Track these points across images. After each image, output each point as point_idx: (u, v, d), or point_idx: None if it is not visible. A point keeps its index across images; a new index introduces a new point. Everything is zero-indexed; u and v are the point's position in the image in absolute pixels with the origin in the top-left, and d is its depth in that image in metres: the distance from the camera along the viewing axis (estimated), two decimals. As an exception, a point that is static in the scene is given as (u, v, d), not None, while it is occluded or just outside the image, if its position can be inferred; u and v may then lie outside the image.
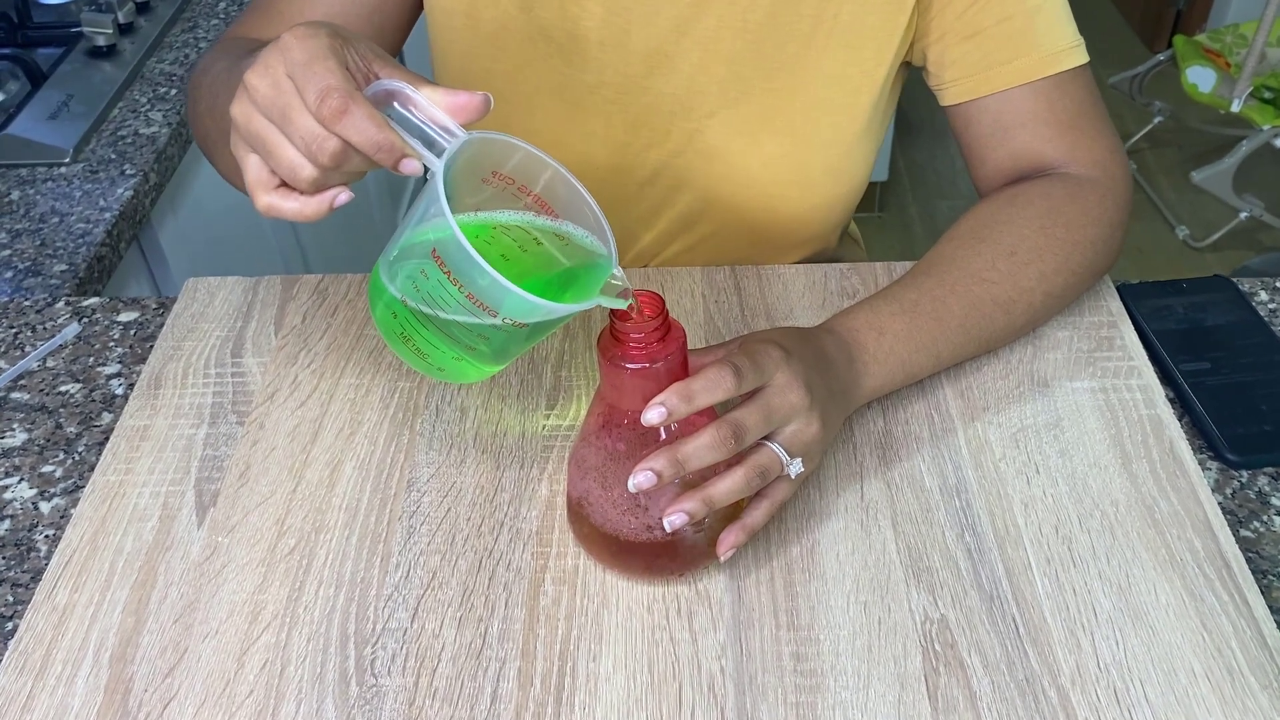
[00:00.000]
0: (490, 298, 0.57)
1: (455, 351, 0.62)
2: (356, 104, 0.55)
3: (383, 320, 0.63)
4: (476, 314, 0.58)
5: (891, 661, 0.61)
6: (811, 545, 0.67)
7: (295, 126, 0.56)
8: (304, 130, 0.55)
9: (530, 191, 0.63)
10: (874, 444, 0.73)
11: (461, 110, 0.58)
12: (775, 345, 0.63)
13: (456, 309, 0.58)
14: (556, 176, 0.62)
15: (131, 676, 0.63)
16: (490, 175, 0.62)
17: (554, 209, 0.63)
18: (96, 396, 0.81)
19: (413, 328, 0.61)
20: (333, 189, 0.59)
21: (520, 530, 0.69)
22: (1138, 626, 0.63)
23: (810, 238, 0.92)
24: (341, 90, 0.55)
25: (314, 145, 0.56)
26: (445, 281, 0.57)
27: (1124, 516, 0.68)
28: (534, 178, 0.62)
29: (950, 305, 0.72)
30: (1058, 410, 0.75)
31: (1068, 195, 0.77)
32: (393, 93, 0.58)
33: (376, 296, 0.63)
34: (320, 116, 0.55)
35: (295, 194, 0.59)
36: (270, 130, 0.57)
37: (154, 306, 0.88)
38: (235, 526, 0.70)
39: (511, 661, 0.62)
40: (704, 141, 0.86)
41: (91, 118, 1.33)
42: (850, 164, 0.88)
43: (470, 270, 0.56)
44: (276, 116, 0.56)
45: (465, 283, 0.57)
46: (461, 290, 0.57)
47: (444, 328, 0.60)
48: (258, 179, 0.60)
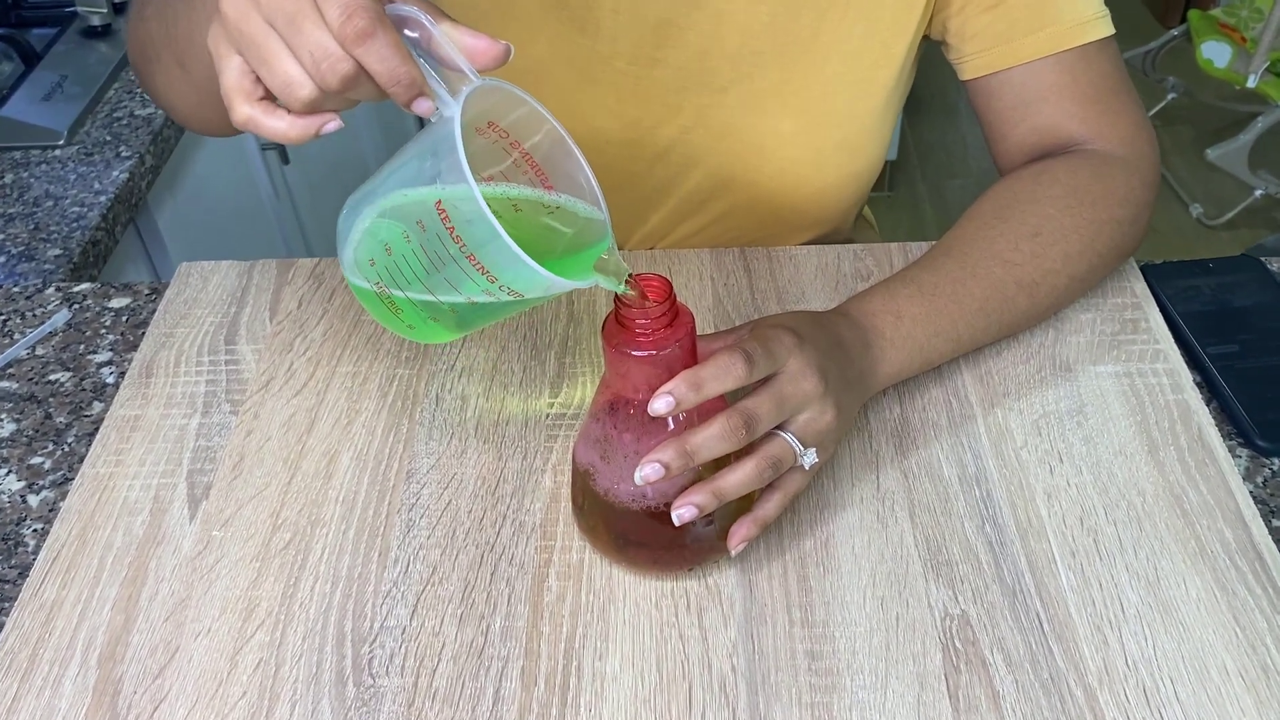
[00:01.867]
0: (495, 264, 0.53)
1: (432, 311, 0.58)
2: (384, 29, 0.49)
3: (360, 265, 0.58)
4: (474, 277, 0.54)
5: (910, 660, 0.59)
6: (826, 538, 0.65)
7: (305, 39, 0.50)
8: (315, 45, 0.50)
9: (521, 148, 0.59)
10: (890, 432, 0.70)
11: (481, 55, 0.52)
12: (788, 330, 0.61)
13: (452, 268, 0.54)
14: (555, 140, 0.58)
15: (121, 677, 0.60)
16: (486, 125, 0.58)
17: (546, 173, 0.60)
18: (87, 385, 0.78)
19: (392, 280, 0.57)
20: (324, 114, 0.54)
21: (523, 523, 0.66)
22: (1167, 622, 0.60)
23: (824, 218, 0.89)
24: (369, 9, 0.49)
25: (324, 64, 0.50)
26: (446, 238, 0.53)
27: (1151, 507, 0.65)
28: (530, 136, 0.59)
29: (971, 288, 0.70)
30: (1081, 396, 0.72)
31: (1094, 173, 0.75)
32: (406, 19, 0.53)
33: (347, 236, 0.58)
34: (341, 35, 0.49)
35: (281, 111, 0.53)
36: (270, 37, 0.51)
37: (147, 292, 0.86)
38: (228, 520, 0.68)
39: (514, 660, 0.60)
40: (716, 117, 0.83)
41: (86, 99, 1.30)
42: (867, 141, 0.85)
43: (482, 235, 0.52)
44: (282, 23, 0.50)
45: (472, 245, 0.53)
46: (464, 250, 0.53)
47: (430, 284, 0.56)
48: (238, 86, 0.53)
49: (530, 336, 0.78)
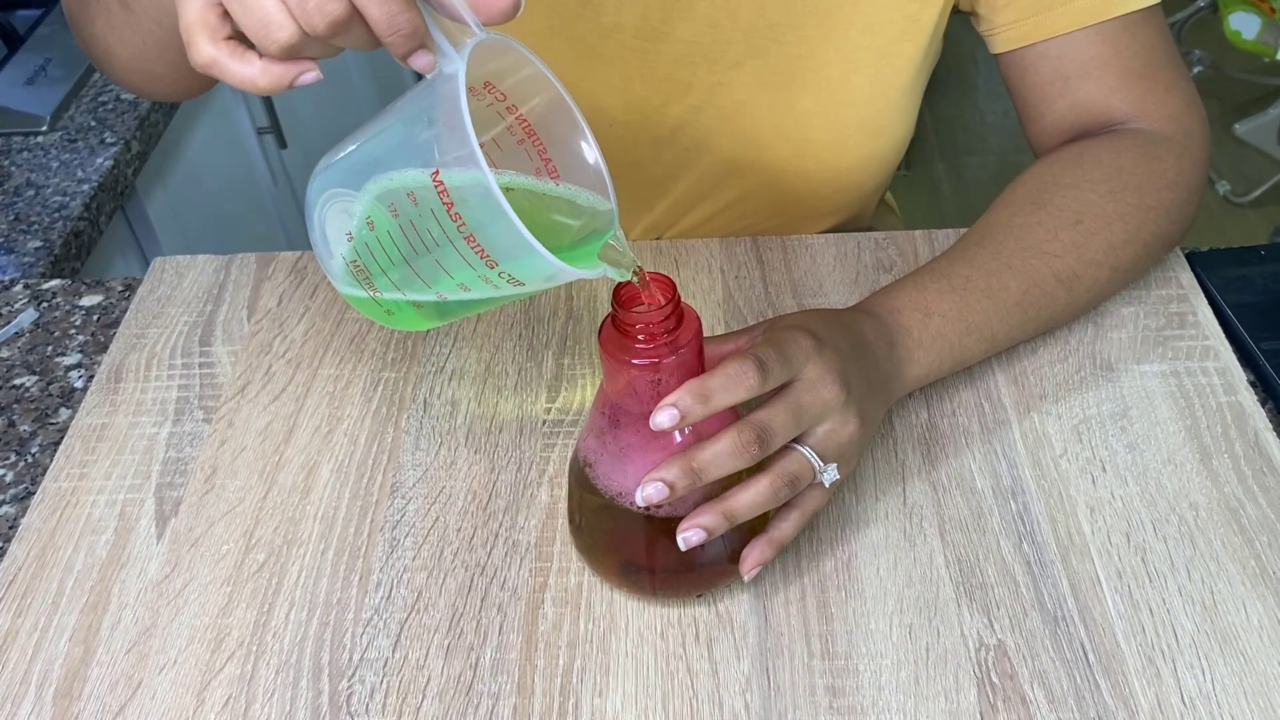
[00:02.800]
0: (497, 248, 0.47)
1: (415, 295, 0.52)
2: None
3: (333, 240, 0.52)
4: (470, 261, 0.48)
5: (942, 696, 0.53)
6: (848, 558, 0.59)
7: None
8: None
9: (518, 113, 0.53)
10: (917, 439, 0.65)
11: (488, 6, 0.46)
12: (805, 332, 0.55)
13: (446, 250, 0.48)
14: (558, 109, 0.52)
15: (78, 716, 0.55)
16: (483, 86, 0.52)
17: (544, 144, 0.53)
18: (54, 390, 0.73)
19: (372, 258, 0.51)
20: (303, 62, 0.47)
21: (517, 542, 0.61)
22: (1226, 652, 0.54)
23: (844, 203, 0.83)
24: None
25: (310, 6, 0.43)
26: (442, 215, 0.47)
27: (1205, 522, 0.60)
28: (528, 101, 0.53)
29: (1006, 281, 0.64)
30: (1124, 398, 0.66)
31: (1140, 154, 0.68)
32: None
33: (319, 206, 0.52)
34: None
35: (251, 55, 0.47)
36: None
37: (120, 289, 0.81)
38: (199, 539, 0.62)
39: (506, 697, 0.55)
40: (727, 96, 0.77)
41: (70, 83, 1.25)
42: (891, 120, 0.78)
43: (485, 215, 0.45)
44: None
45: (472, 225, 0.46)
46: (461, 230, 0.47)
47: (417, 266, 0.50)
48: (202, 20, 0.46)
49: (526, 335, 0.73)
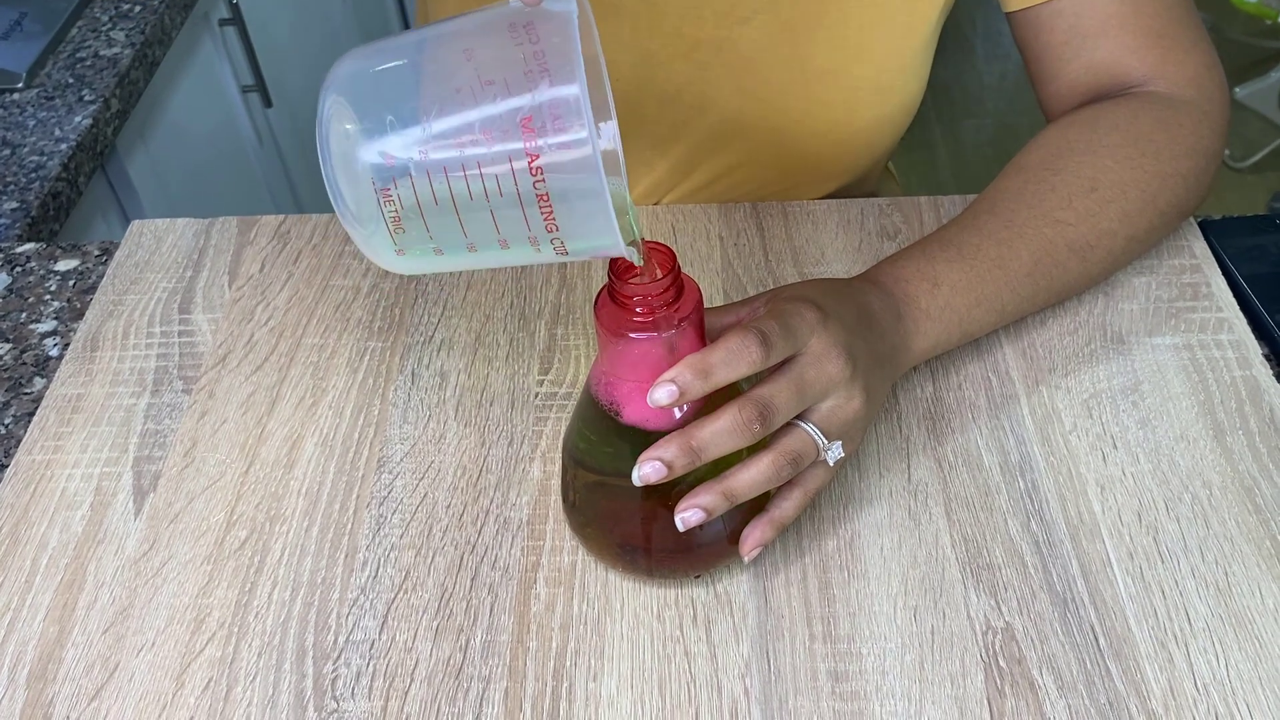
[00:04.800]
0: (569, 218, 0.44)
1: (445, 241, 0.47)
2: None
3: (365, 158, 0.46)
4: (531, 222, 0.44)
5: (948, 681, 0.52)
6: (850, 537, 0.57)
7: None
8: None
9: None
10: (923, 414, 0.63)
11: None
12: (809, 304, 0.53)
13: (507, 204, 0.44)
14: (597, 83, 0.49)
15: (52, 699, 0.53)
16: None
17: None
18: (28, 359, 0.71)
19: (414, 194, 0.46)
20: None
21: (508, 520, 0.59)
22: (1241, 637, 0.53)
23: (851, 166, 0.80)
24: None
25: None
26: (523, 172, 0.43)
27: (1219, 501, 0.58)
28: None
29: (1018, 250, 0.61)
30: (1136, 372, 0.64)
31: (1157, 119, 0.66)
32: None
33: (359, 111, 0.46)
34: None
35: None
36: None
37: (97, 254, 0.78)
38: (178, 515, 0.60)
39: (497, 681, 0.53)
40: (734, 52, 0.74)
41: (47, 38, 1.21)
42: (905, 80, 0.76)
43: (577, 189, 0.43)
44: None
45: (555, 194, 0.43)
46: (538, 190, 0.43)
47: (463, 211, 0.45)
48: None
49: (518, 304, 0.70)
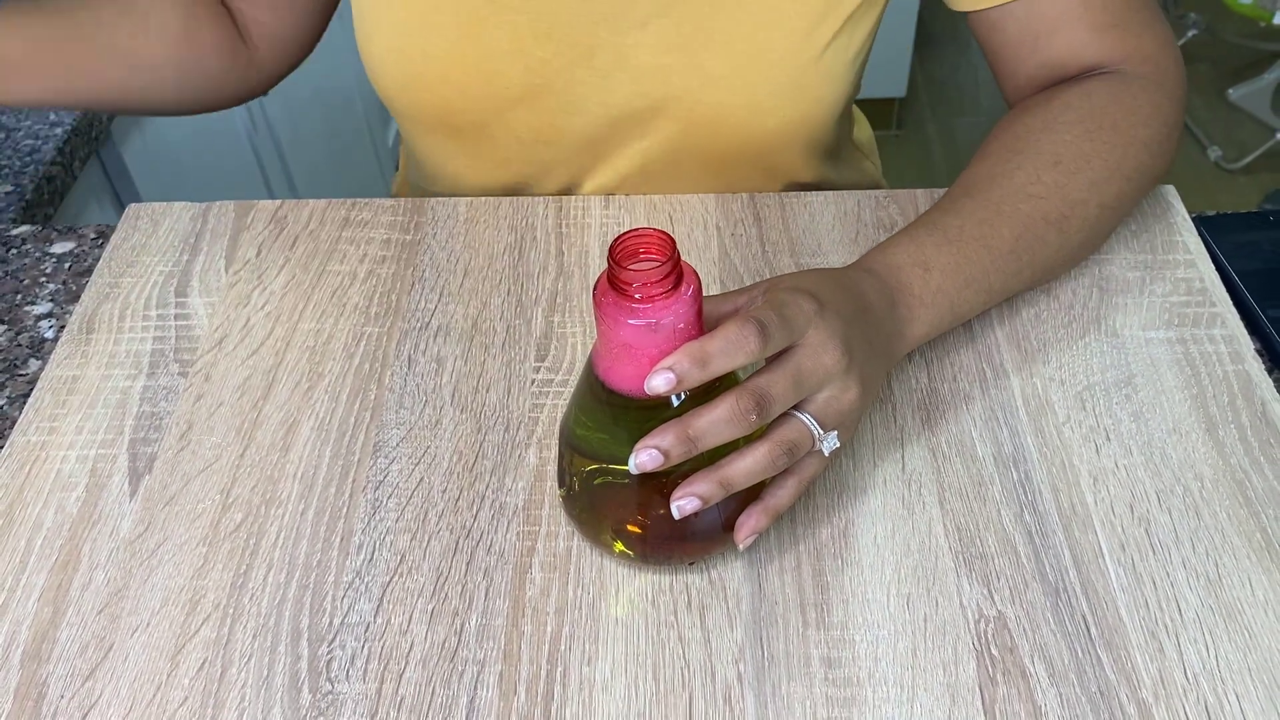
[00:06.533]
0: None
1: None
2: None
3: None
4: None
5: (940, 669, 0.52)
6: (844, 526, 0.58)
7: None
8: None
9: None
10: (917, 403, 0.63)
11: None
12: (807, 295, 0.53)
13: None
14: None
15: (46, 679, 0.53)
16: None
17: None
18: (23, 341, 0.71)
19: None
20: None
21: (504, 505, 0.59)
22: (1231, 627, 0.53)
23: (782, 165, 0.79)
24: None
25: None
26: None
27: (1210, 493, 0.58)
28: None
29: (998, 228, 0.62)
30: (1129, 365, 0.64)
31: (1112, 94, 0.66)
32: None
33: None
34: None
35: None
36: None
37: (93, 236, 0.78)
38: (174, 497, 0.60)
39: (491, 665, 0.53)
40: (636, 59, 0.73)
41: (42, 21, 1.20)
42: (815, 82, 0.74)
43: None
44: None
45: None
46: None
47: None
48: None
49: (515, 291, 0.70)
